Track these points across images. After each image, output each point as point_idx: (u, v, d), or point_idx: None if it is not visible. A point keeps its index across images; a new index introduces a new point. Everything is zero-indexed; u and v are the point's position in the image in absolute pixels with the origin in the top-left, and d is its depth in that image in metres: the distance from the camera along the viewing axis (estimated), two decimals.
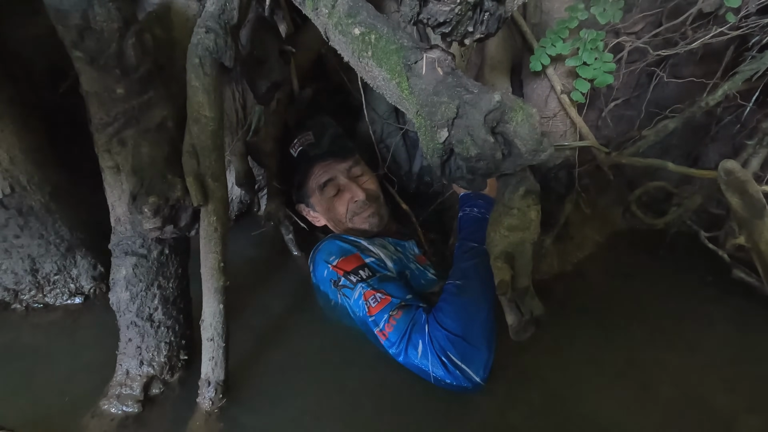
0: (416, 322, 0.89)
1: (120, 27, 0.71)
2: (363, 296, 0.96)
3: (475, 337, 0.85)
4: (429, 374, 0.85)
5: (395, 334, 0.89)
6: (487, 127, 0.59)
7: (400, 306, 0.92)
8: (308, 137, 1.21)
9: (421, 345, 0.86)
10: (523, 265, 0.86)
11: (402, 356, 0.89)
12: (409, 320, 0.90)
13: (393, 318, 0.90)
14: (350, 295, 0.98)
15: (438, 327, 0.87)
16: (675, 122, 1.09)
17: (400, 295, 0.95)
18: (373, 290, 0.95)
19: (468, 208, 1.09)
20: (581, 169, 1.21)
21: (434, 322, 0.88)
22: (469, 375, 0.83)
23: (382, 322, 0.91)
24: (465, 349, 0.84)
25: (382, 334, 0.91)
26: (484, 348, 0.85)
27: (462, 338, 0.85)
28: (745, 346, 0.97)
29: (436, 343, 0.85)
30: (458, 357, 0.84)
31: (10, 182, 0.99)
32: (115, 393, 0.84)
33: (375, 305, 0.93)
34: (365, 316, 0.94)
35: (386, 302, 0.93)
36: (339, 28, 0.69)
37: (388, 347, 0.91)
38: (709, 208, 1.21)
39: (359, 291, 0.97)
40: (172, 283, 0.87)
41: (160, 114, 0.80)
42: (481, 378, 0.84)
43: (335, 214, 1.20)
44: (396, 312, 0.91)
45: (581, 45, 1.01)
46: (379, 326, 0.92)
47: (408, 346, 0.87)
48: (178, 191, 0.79)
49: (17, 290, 1.09)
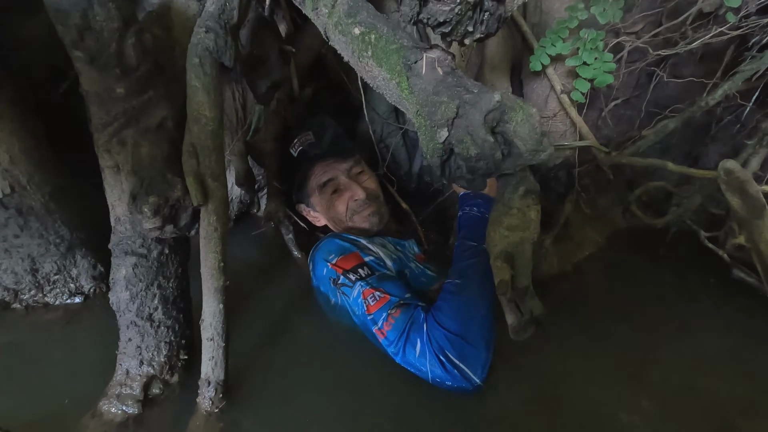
0: (415, 320, 0.89)
1: (120, 26, 0.71)
2: (362, 294, 0.96)
3: (473, 336, 0.85)
4: (427, 374, 0.85)
5: (393, 333, 0.89)
6: (487, 126, 0.59)
7: (399, 305, 0.92)
8: (308, 137, 1.21)
9: (419, 344, 0.86)
10: (522, 265, 0.86)
11: (400, 355, 0.89)
12: (407, 319, 0.90)
13: (391, 317, 0.90)
14: (349, 293, 0.98)
15: (436, 326, 0.87)
16: (675, 122, 1.09)
17: (399, 294, 0.95)
18: (372, 289, 0.95)
19: (468, 207, 1.09)
20: (581, 168, 1.21)
21: (433, 321, 0.88)
22: (467, 374, 0.83)
23: (381, 321, 0.91)
24: (463, 348, 0.84)
25: (381, 333, 0.91)
26: (483, 347, 0.85)
27: (460, 337, 0.85)
28: (745, 346, 0.97)
29: (434, 342, 0.85)
30: (456, 356, 0.84)
31: (9, 182, 0.99)
32: (115, 393, 0.84)
33: (374, 304, 0.93)
34: (364, 314, 0.94)
35: (385, 301, 0.93)
36: (339, 28, 0.69)
37: (386, 346, 0.91)
38: (709, 208, 1.21)
39: (358, 289, 0.97)
40: (172, 282, 0.87)
41: (160, 114, 0.80)
42: (479, 377, 0.84)
43: (335, 214, 1.20)
44: (394, 311, 0.91)
45: (581, 45, 1.01)
46: (378, 325, 0.92)
47: (406, 345, 0.87)
48: (178, 191, 0.79)
49: (17, 290, 1.09)
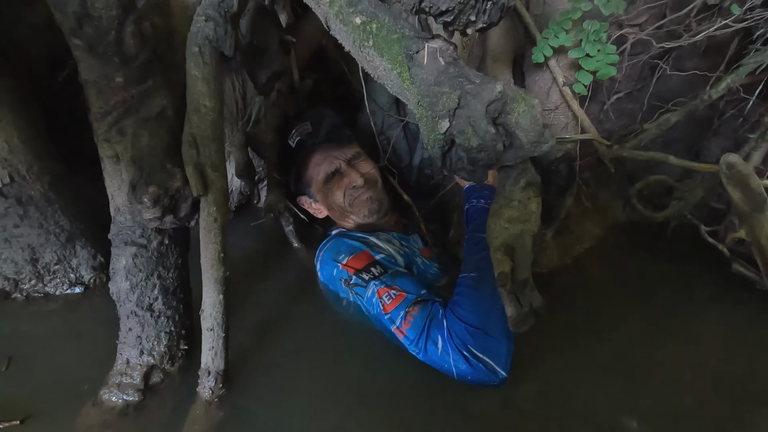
0: (434, 316, 0.88)
1: (119, 14, 0.71)
2: (377, 294, 0.94)
3: (494, 328, 0.84)
4: (452, 370, 0.84)
5: (413, 331, 0.88)
6: (489, 117, 0.59)
7: (416, 302, 0.91)
8: (306, 127, 1.20)
9: (440, 340, 0.85)
10: (523, 258, 0.86)
11: (422, 354, 0.87)
12: (426, 315, 0.88)
13: (410, 314, 0.89)
14: (363, 293, 0.97)
15: (456, 320, 0.85)
16: (677, 115, 1.08)
17: (415, 291, 0.93)
18: (386, 287, 0.94)
19: (474, 200, 1.07)
20: (582, 162, 1.21)
21: (452, 316, 0.87)
22: (492, 367, 0.82)
23: (399, 319, 0.90)
24: (486, 341, 0.83)
25: (400, 332, 0.90)
26: (504, 339, 0.84)
27: (482, 330, 0.84)
28: (744, 340, 0.98)
29: (455, 337, 0.84)
30: (480, 350, 0.83)
31: (9, 172, 0.98)
32: (115, 382, 0.84)
33: (390, 302, 0.92)
34: (380, 314, 0.93)
35: (401, 299, 0.92)
36: (340, 18, 0.68)
37: (407, 345, 0.89)
38: (710, 202, 1.21)
39: (372, 289, 0.95)
40: (172, 273, 0.87)
41: (159, 103, 0.79)
42: (504, 369, 0.83)
43: (334, 201, 1.18)
44: (412, 308, 0.90)
45: (584, 36, 1.00)
46: (396, 323, 0.90)
47: (427, 343, 0.86)
48: (178, 181, 0.79)
49: (17, 280, 1.09)
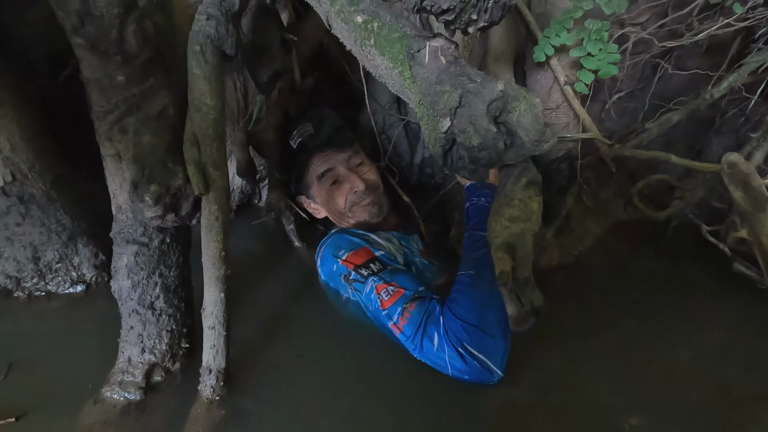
0: (431, 313, 0.89)
1: (120, 13, 0.71)
2: (375, 290, 0.94)
3: (491, 326, 0.84)
4: (447, 367, 0.84)
5: (410, 327, 0.88)
6: (490, 116, 0.59)
7: (414, 298, 0.91)
8: (307, 128, 1.20)
9: (436, 337, 0.85)
10: (523, 256, 0.86)
11: (418, 351, 0.88)
12: (423, 312, 0.89)
13: (407, 311, 0.89)
14: (362, 289, 0.97)
15: (453, 318, 0.85)
16: (679, 115, 1.08)
17: (413, 288, 0.94)
18: (385, 283, 0.94)
19: (475, 198, 1.08)
20: (583, 161, 1.21)
21: (449, 313, 0.87)
22: (487, 365, 0.82)
23: (396, 315, 0.90)
24: (482, 339, 0.83)
25: (396, 328, 0.90)
26: (501, 338, 0.84)
27: (478, 328, 0.84)
28: (745, 339, 0.98)
29: (451, 334, 0.84)
30: (476, 347, 0.83)
31: (11, 170, 0.98)
32: (117, 380, 0.85)
33: (388, 298, 0.92)
34: (378, 309, 0.93)
35: (399, 295, 0.92)
36: (341, 16, 0.68)
37: (403, 341, 0.90)
38: (712, 201, 1.20)
39: (371, 285, 0.96)
40: (173, 271, 0.87)
41: (161, 102, 0.79)
42: (499, 368, 0.83)
43: (335, 205, 1.19)
44: (409, 304, 0.90)
45: (586, 35, 1.00)
46: (393, 319, 0.91)
47: (423, 339, 0.86)
48: (180, 180, 0.79)
49: (19, 278, 1.09)
